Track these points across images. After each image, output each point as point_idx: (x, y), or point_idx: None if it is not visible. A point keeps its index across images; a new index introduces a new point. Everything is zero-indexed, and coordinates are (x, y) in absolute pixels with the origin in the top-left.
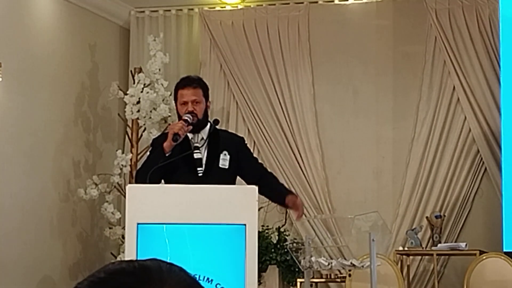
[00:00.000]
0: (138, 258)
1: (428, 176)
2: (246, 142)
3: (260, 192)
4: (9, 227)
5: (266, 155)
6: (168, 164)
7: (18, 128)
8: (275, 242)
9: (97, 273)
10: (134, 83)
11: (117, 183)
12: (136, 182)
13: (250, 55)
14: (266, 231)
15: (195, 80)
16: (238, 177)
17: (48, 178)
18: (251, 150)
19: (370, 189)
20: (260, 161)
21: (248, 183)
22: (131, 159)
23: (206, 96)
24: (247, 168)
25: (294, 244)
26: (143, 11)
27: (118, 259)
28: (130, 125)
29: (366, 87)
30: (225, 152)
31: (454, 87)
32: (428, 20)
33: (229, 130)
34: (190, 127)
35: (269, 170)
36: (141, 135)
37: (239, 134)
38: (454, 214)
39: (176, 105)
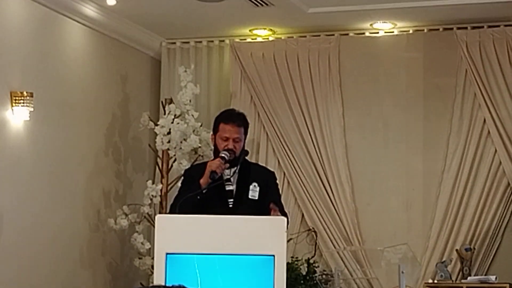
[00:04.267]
0: None
1: (458, 208)
2: (276, 177)
3: None
4: (39, 257)
5: (296, 187)
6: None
7: (48, 158)
8: (304, 273)
9: None
10: (164, 114)
11: (147, 213)
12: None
13: (280, 87)
14: (296, 262)
15: (240, 117)
16: None
17: (78, 208)
18: (279, 187)
19: (400, 221)
20: (283, 198)
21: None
22: (161, 190)
23: (246, 133)
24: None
25: (324, 276)
26: (174, 43)
27: None
28: (161, 156)
29: (396, 119)
30: (254, 183)
31: (484, 120)
32: (459, 52)
33: (261, 164)
34: (227, 165)
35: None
36: (172, 165)
37: (270, 169)
38: (484, 247)
39: (214, 136)
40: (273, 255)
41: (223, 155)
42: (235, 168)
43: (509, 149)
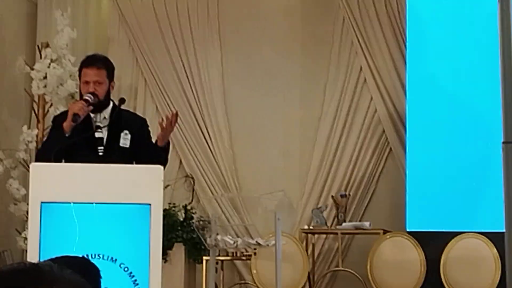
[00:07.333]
0: (42, 237)
1: (334, 155)
2: (148, 124)
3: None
4: None
5: (173, 132)
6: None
7: None
8: (181, 219)
9: None
10: (41, 58)
11: (23, 159)
12: (38, 162)
13: (159, 32)
14: (173, 208)
15: (99, 60)
16: None
17: None
18: (151, 133)
19: (277, 168)
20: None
21: (138, 163)
22: (37, 135)
23: (110, 77)
24: (142, 149)
25: (201, 222)
26: None
27: (23, 235)
28: (37, 101)
29: (275, 66)
30: (126, 131)
31: (361, 68)
32: (337, 0)
33: (132, 111)
34: (91, 107)
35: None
36: (48, 110)
37: (141, 115)
38: (359, 193)
39: (79, 83)
40: (150, 204)
41: (86, 97)
42: (105, 115)
43: (384, 97)
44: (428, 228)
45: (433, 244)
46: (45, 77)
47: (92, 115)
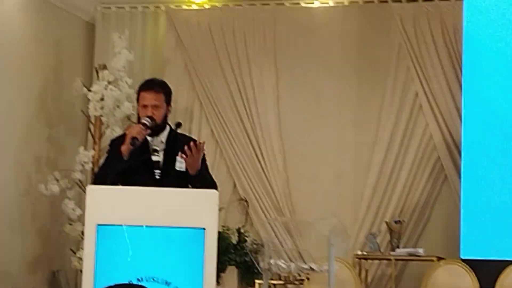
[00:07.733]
0: (97, 260)
1: (388, 181)
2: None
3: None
4: None
5: (228, 156)
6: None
7: None
8: (235, 243)
9: None
10: (98, 79)
11: (79, 179)
12: (95, 184)
13: (215, 55)
14: (226, 231)
15: (157, 84)
16: None
17: (8, 172)
18: (205, 157)
19: (331, 192)
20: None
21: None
22: (93, 156)
23: (167, 101)
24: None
25: (254, 246)
26: (109, 7)
27: (78, 255)
28: (93, 122)
29: (330, 91)
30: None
31: (416, 93)
32: (393, 26)
33: (188, 134)
34: (149, 131)
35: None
36: (104, 132)
37: (197, 139)
38: (413, 220)
39: (137, 106)
40: (204, 228)
41: (144, 121)
42: (162, 138)
43: (440, 123)
44: (482, 256)
45: (487, 272)
46: (102, 99)
47: (149, 138)
